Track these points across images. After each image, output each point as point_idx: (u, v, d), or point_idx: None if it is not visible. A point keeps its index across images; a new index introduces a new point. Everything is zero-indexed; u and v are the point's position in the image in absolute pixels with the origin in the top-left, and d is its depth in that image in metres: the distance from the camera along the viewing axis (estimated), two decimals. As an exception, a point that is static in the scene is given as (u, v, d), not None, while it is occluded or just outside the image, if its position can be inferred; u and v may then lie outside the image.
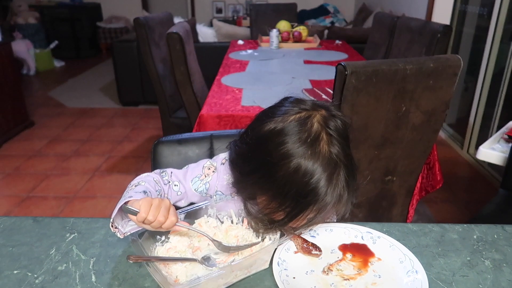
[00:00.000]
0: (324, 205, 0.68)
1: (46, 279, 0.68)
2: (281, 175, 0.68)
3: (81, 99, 4.48)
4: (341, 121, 0.73)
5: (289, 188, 0.68)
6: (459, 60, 1.34)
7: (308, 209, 0.69)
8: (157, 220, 0.67)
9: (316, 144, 0.69)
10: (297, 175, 0.67)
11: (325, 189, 0.67)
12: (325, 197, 0.68)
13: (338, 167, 0.69)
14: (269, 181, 0.70)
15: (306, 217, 0.70)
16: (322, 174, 0.67)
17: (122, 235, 0.71)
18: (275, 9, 4.03)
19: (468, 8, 3.22)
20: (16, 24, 5.70)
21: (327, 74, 2.24)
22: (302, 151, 0.68)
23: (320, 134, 0.70)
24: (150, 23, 2.51)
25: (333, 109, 0.75)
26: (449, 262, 0.73)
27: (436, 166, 1.80)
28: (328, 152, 0.69)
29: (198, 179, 0.88)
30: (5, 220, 0.83)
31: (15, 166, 2.91)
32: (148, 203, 0.68)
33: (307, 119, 0.71)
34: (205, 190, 0.88)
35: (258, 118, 0.77)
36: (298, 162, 0.67)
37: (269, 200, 0.72)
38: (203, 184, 0.87)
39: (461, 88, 3.29)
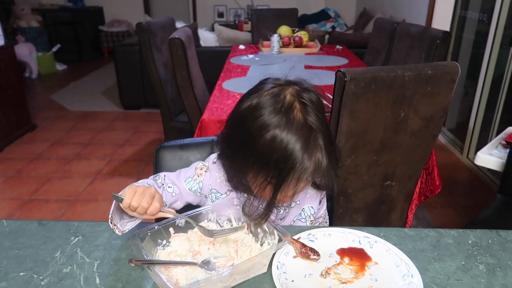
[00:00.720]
0: (303, 170, 0.72)
1: (51, 281, 0.70)
2: (260, 146, 0.72)
3: (83, 102, 4.51)
4: (315, 93, 0.78)
5: (270, 157, 0.72)
6: (457, 66, 1.36)
7: (290, 175, 0.72)
8: (141, 205, 0.71)
9: (290, 112, 0.73)
10: (274, 143, 0.71)
11: (302, 153, 0.71)
12: (303, 162, 0.71)
13: (313, 132, 0.73)
14: (252, 155, 0.74)
15: (290, 185, 0.74)
16: (298, 140, 0.71)
17: (121, 232, 0.76)
18: (276, 14, 4.06)
19: (468, 14, 3.24)
20: (19, 28, 5.74)
21: (327, 79, 2.26)
22: (277, 120, 0.72)
23: (293, 103, 0.74)
24: (152, 28, 2.54)
25: (306, 84, 0.79)
26: (444, 267, 0.75)
27: (435, 171, 1.81)
28: (303, 118, 0.73)
29: (191, 179, 0.91)
30: (11, 223, 0.85)
31: (17, 169, 2.93)
32: (132, 190, 0.72)
33: (280, 92, 0.76)
34: (199, 189, 0.91)
35: (238, 101, 0.81)
36: (274, 131, 0.72)
37: (256, 176, 0.76)
38: (196, 184, 0.91)
39: (461, 93, 3.31)
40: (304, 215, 0.95)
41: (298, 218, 0.94)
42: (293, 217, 0.94)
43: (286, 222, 0.94)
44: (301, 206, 0.94)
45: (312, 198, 0.95)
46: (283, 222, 0.93)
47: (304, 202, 0.94)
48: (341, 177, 1.52)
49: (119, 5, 6.81)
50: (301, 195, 0.94)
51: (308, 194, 0.95)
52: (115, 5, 6.81)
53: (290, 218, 0.94)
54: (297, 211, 0.94)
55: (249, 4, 6.46)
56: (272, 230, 0.75)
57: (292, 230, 0.82)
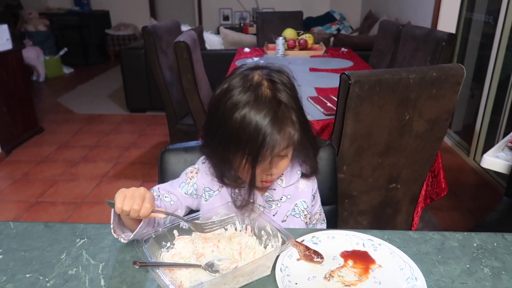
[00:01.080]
0: (275, 143, 0.75)
1: (57, 282, 0.70)
2: (232, 125, 0.76)
3: (90, 105, 4.54)
4: (285, 74, 0.82)
5: (242, 135, 0.75)
6: (462, 69, 1.36)
7: (262, 150, 0.75)
8: (132, 209, 0.72)
9: (258, 89, 0.77)
10: (245, 120, 0.75)
11: (271, 127, 0.74)
12: (273, 135, 0.74)
13: (282, 106, 0.77)
14: (227, 136, 0.78)
15: (267, 161, 0.78)
16: (267, 114, 0.74)
17: (126, 240, 0.77)
18: (281, 17, 4.07)
19: (474, 16, 3.23)
20: (27, 32, 5.81)
21: (332, 82, 2.26)
22: (246, 98, 0.76)
23: (261, 81, 0.78)
24: (158, 32, 2.56)
25: (277, 67, 0.84)
26: (449, 270, 0.75)
27: (441, 174, 1.80)
28: (271, 94, 0.77)
29: (185, 183, 0.93)
30: (18, 226, 0.86)
31: (25, 171, 2.96)
32: (122, 194, 0.73)
33: (249, 73, 0.80)
34: (194, 192, 0.93)
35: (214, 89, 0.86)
36: (243, 109, 0.75)
37: (235, 156, 0.79)
38: (190, 186, 0.93)
39: (467, 95, 3.29)
40: (298, 210, 0.95)
41: (291, 213, 0.95)
42: (286, 212, 0.95)
43: (279, 218, 0.94)
44: (293, 201, 0.95)
45: (304, 192, 0.96)
46: (276, 217, 0.94)
47: (296, 197, 0.95)
48: (345, 180, 1.51)
49: (125, 9, 6.86)
50: (292, 190, 0.95)
51: (299, 188, 0.96)
52: (121, 9, 6.87)
53: (283, 213, 0.94)
54: (289, 206, 0.95)
55: (254, 7, 6.48)
56: (276, 232, 0.76)
57: (295, 233, 0.82)
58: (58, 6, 6.83)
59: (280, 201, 0.94)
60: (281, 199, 0.94)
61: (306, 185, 0.97)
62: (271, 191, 0.94)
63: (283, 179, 0.94)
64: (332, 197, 1.13)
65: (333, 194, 1.14)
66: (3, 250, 0.79)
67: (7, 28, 3.22)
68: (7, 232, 0.84)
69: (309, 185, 0.97)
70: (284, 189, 0.94)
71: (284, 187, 0.94)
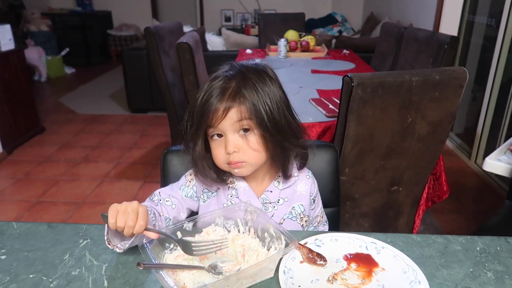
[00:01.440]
0: (212, 107, 0.79)
1: (60, 283, 0.70)
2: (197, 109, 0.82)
3: (91, 105, 4.55)
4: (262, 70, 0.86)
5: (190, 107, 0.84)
6: (465, 72, 1.36)
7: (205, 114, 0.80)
8: (126, 225, 0.71)
9: (222, 70, 0.85)
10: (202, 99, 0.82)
11: (216, 94, 0.80)
12: (214, 100, 0.79)
13: (237, 88, 0.80)
14: (195, 122, 0.83)
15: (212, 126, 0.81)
16: (218, 88, 0.80)
17: (122, 250, 0.76)
18: (283, 18, 4.08)
19: (476, 18, 3.23)
20: (29, 32, 5.82)
21: (334, 83, 2.26)
22: (208, 83, 0.83)
23: (231, 68, 0.85)
24: (160, 32, 2.56)
25: (251, 64, 0.88)
26: (452, 273, 0.75)
27: (443, 177, 1.80)
28: (228, 73, 0.82)
29: (185, 186, 0.94)
30: (21, 226, 0.87)
31: (26, 171, 2.96)
32: (114, 210, 0.72)
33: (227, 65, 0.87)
34: (194, 194, 0.94)
35: None
36: (203, 91, 0.82)
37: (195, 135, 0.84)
38: (190, 189, 0.94)
39: (468, 98, 3.29)
40: (295, 213, 0.95)
41: (288, 216, 0.94)
42: (283, 215, 0.94)
43: (276, 219, 0.93)
44: (290, 204, 0.95)
45: (302, 195, 0.96)
46: (273, 218, 0.93)
47: (293, 200, 0.95)
48: (347, 182, 1.51)
49: (128, 9, 6.88)
50: (289, 193, 0.94)
51: (296, 192, 0.95)
52: (124, 10, 6.88)
53: (279, 216, 0.94)
54: (286, 209, 0.94)
55: (256, 9, 6.49)
56: (279, 235, 0.76)
57: (298, 235, 0.82)
58: (60, 6, 6.85)
59: (277, 204, 0.94)
60: (278, 202, 0.94)
61: (304, 188, 0.96)
62: (267, 193, 0.93)
63: (280, 181, 0.94)
64: (335, 199, 1.13)
65: (336, 196, 1.13)
66: (6, 250, 0.79)
67: (9, 28, 3.23)
68: (10, 232, 0.85)
69: (307, 189, 0.96)
70: (280, 191, 0.93)
71: (281, 189, 0.93)
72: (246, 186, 0.92)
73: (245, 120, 0.80)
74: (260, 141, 0.83)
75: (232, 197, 0.93)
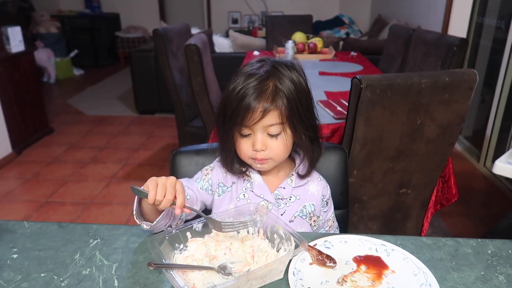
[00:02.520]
0: (250, 106, 0.80)
1: (71, 282, 0.71)
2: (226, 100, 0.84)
3: (99, 107, 4.58)
4: (295, 67, 0.88)
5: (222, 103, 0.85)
6: (475, 74, 1.35)
7: (240, 111, 0.81)
8: (166, 198, 0.73)
9: (256, 70, 0.83)
10: (227, 91, 0.84)
11: (252, 93, 0.80)
12: (251, 99, 0.80)
13: (274, 87, 0.81)
14: (220, 110, 0.86)
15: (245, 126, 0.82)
16: (255, 87, 0.80)
17: (148, 227, 0.79)
18: (290, 20, 4.08)
19: (485, 21, 3.20)
20: (38, 34, 5.87)
21: (342, 85, 2.25)
22: (243, 79, 0.83)
23: (264, 64, 0.85)
24: (169, 34, 2.58)
25: (285, 60, 0.89)
26: (463, 276, 0.74)
27: (452, 180, 1.79)
28: (268, 78, 0.82)
29: (200, 179, 0.96)
30: (32, 225, 0.87)
31: (35, 171, 2.99)
32: (154, 182, 0.74)
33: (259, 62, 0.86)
34: (209, 187, 0.95)
35: None
36: (239, 87, 0.82)
37: (228, 130, 0.85)
38: (206, 182, 0.96)
39: (477, 101, 3.26)
40: (305, 211, 0.96)
41: (299, 214, 0.96)
42: (294, 213, 0.95)
43: (287, 217, 0.95)
44: (302, 202, 0.96)
45: (313, 196, 0.97)
46: (284, 216, 0.95)
47: (304, 199, 0.96)
48: (355, 184, 1.51)
49: (135, 11, 6.92)
50: (301, 191, 0.96)
51: (309, 191, 0.97)
52: (132, 12, 6.92)
53: (291, 213, 0.95)
54: (297, 206, 0.96)
55: (263, 11, 6.50)
56: (289, 236, 0.76)
57: (308, 237, 0.82)
58: (69, 8, 6.90)
59: (289, 201, 0.95)
60: (290, 199, 0.95)
61: (316, 189, 0.98)
62: (280, 189, 0.95)
63: (293, 179, 0.95)
64: (343, 201, 1.13)
65: (344, 198, 1.13)
66: (18, 249, 0.80)
67: (20, 30, 3.26)
68: (22, 232, 0.85)
69: (319, 190, 0.98)
70: (293, 189, 0.95)
71: (294, 187, 0.95)
72: (261, 181, 0.94)
73: (279, 125, 0.83)
74: (287, 139, 0.86)
75: (246, 190, 0.95)
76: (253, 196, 0.94)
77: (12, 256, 0.78)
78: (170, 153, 1.10)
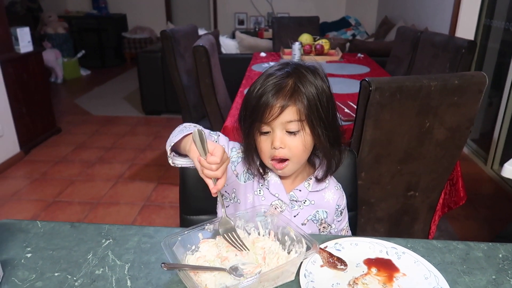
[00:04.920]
0: (269, 103, 0.81)
1: (84, 282, 0.72)
2: (248, 98, 0.85)
3: (106, 107, 4.61)
4: (317, 71, 0.88)
5: (244, 102, 0.86)
6: (484, 77, 1.35)
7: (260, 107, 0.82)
8: (214, 173, 0.73)
9: (278, 72, 0.84)
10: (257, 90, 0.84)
11: (271, 90, 0.81)
12: (270, 96, 0.81)
13: (294, 85, 0.82)
14: (242, 109, 0.87)
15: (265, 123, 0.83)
16: (275, 84, 0.82)
17: (172, 164, 0.83)
18: (297, 22, 4.08)
19: (494, 23, 3.19)
20: (46, 34, 5.92)
21: (349, 87, 2.26)
22: (264, 78, 0.84)
23: (286, 65, 0.86)
24: (176, 36, 2.59)
25: (307, 64, 0.89)
26: (474, 280, 0.74)
27: (460, 183, 1.78)
28: (290, 79, 0.83)
29: (236, 150, 0.95)
30: (45, 225, 0.88)
31: (43, 171, 3.01)
32: (221, 152, 0.73)
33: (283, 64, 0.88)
34: (235, 164, 0.94)
35: None
36: (262, 86, 0.83)
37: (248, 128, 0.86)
38: (236, 156, 0.94)
39: (485, 103, 3.25)
40: (318, 217, 0.96)
41: (311, 218, 0.96)
42: (307, 216, 0.95)
43: (299, 220, 0.95)
44: (315, 207, 0.96)
45: (328, 203, 0.97)
46: (296, 218, 0.95)
47: (319, 205, 0.96)
48: (363, 186, 1.51)
49: (142, 12, 6.95)
50: (316, 197, 0.95)
51: (324, 198, 0.97)
52: (139, 13, 6.95)
53: (304, 216, 0.95)
54: (311, 210, 0.95)
55: (270, 12, 6.51)
56: (300, 238, 0.76)
57: (318, 239, 0.83)
58: (77, 9, 6.95)
59: (303, 204, 0.95)
60: (304, 202, 0.95)
61: (332, 198, 0.97)
62: (296, 191, 0.94)
63: (310, 183, 0.95)
64: (352, 203, 1.13)
65: (353, 200, 1.13)
66: (31, 249, 0.81)
67: (28, 31, 3.29)
68: (35, 231, 0.86)
69: (334, 199, 0.98)
70: (309, 193, 0.95)
71: (310, 191, 0.95)
72: (278, 180, 0.94)
73: (298, 122, 0.83)
74: (306, 138, 0.85)
75: (262, 187, 0.94)
76: (267, 194, 0.94)
77: (26, 255, 0.79)
78: (177, 154, 1.10)
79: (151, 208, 2.53)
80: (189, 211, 1.11)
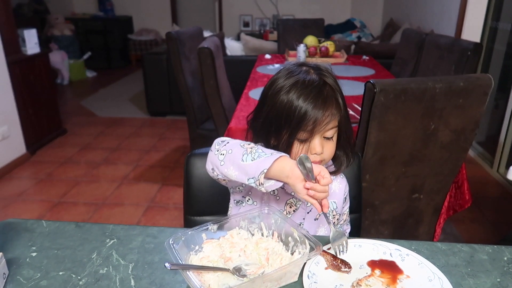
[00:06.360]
0: (316, 117, 0.81)
1: (89, 281, 0.72)
2: (279, 105, 0.83)
3: (111, 108, 4.63)
4: (328, 69, 0.89)
5: (288, 112, 0.83)
6: (490, 79, 1.34)
7: (304, 122, 0.81)
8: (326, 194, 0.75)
9: (304, 73, 0.85)
10: (285, 98, 0.83)
11: (313, 102, 0.81)
12: (315, 110, 0.81)
13: (327, 87, 0.84)
14: (275, 115, 0.85)
15: (311, 136, 0.84)
16: (312, 91, 0.82)
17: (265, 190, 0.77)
18: (302, 24, 4.08)
19: (500, 25, 3.17)
20: (53, 36, 5.96)
21: (354, 89, 2.25)
22: (291, 81, 0.84)
23: (308, 70, 0.86)
24: (181, 37, 2.60)
25: (318, 63, 0.90)
26: (479, 283, 0.74)
27: (465, 185, 1.78)
28: (316, 76, 0.84)
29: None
30: (50, 224, 0.89)
31: (48, 172, 3.03)
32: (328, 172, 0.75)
33: (298, 67, 0.88)
34: None
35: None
36: (290, 91, 0.83)
37: (278, 132, 0.85)
38: None
39: (491, 106, 3.23)
40: (329, 210, 0.97)
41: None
42: None
43: (313, 215, 0.97)
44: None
45: (335, 193, 0.99)
46: (310, 214, 0.96)
47: (329, 197, 0.95)
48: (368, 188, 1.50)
49: (148, 14, 6.99)
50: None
51: (331, 189, 0.98)
52: (144, 15, 6.99)
53: (316, 210, 0.96)
54: None
55: (275, 14, 6.51)
56: (304, 239, 0.76)
57: (322, 240, 0.82)
58: (83, 11, 7.00)
59: None
60: None
61: (338, 187, 1.00)
62: None
63: None
64: (357, 205, 1.13)
65: (357, 202, 1.13)
66: (36, 248, 0.81)
67: (35, 32, 3.32)
68: (40, 231, 0.87)
69: (341, 188, 1.00)
70: None
71: None
72: None
73: (336, 128, 0.86)
74: (336, 140, 0.89)
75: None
76: (282, 193, 0.95)
77: (31, 254, 0.79)
78: (181, 155, 1.11)
79: (156, 209, 2.53)
80: (193, 212, 1.12)
